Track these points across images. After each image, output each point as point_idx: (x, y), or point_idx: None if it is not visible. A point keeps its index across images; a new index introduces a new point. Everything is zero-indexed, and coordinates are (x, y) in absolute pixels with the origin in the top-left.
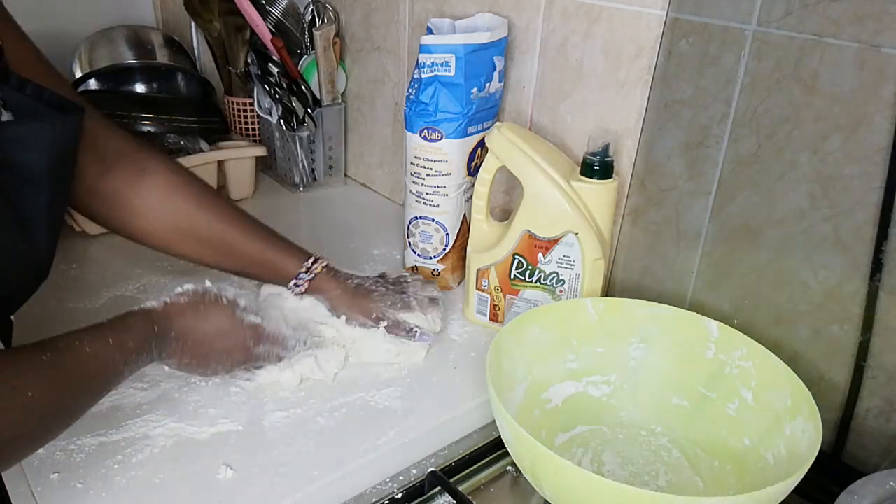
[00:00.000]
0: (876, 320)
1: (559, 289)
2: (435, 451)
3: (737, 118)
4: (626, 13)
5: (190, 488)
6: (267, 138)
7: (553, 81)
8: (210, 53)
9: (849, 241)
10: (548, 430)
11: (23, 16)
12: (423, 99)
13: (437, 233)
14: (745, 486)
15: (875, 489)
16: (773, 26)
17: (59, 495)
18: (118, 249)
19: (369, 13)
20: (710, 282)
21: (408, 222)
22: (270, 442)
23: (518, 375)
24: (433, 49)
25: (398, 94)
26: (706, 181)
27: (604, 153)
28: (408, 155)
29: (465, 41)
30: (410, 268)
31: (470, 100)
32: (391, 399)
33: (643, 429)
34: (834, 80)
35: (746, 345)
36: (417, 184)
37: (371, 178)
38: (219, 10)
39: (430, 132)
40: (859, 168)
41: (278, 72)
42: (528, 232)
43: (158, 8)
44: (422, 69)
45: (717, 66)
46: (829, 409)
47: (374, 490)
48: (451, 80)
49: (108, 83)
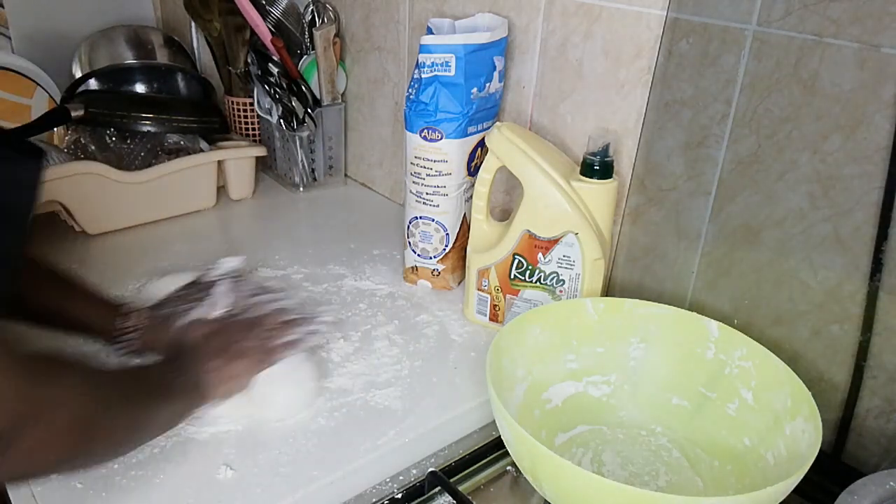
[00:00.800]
0: (876, 320)
1: (559, 289)
2: (435, 451)
3: (737, 118)
4: (626, 13)
5: (190, 488)
6: (267, 138)
7: (553, 81)
8: (210, 53)
9: (849, 241)
10: (548, 430)
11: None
12: (423, 99)
13: (437, 233)
14: (745, 486)
15: (875, 489)
16: (773, 26)
17: (59, 495)
18: (118, 249)
19: (369, 13)
20: (710, 282)
21: (408, 222)
22: (270, 442)
23: (518, 375)
24: (433, 49)
25: (398, 94)
26: (706, 181)
27: (604, 153)
28: (408, 155)
29: (465, 41)
30: (410, 268)
31: (470, 100)
32: (391, 399)
33: (643, 429)
34: (834, 80)
35: (746, 345)
36: (417, 184)
37: (371, 178)
38: (219, 10)
39: (430, 132)
40: (859, 168)
41: (278, 72)
42: (528, 232)
43: (158, 8)
44: (422, 69)
45: (717, 66)
46: (829, 409)
47: (374, 490)
48: (451, 80)
49: (108, 83)
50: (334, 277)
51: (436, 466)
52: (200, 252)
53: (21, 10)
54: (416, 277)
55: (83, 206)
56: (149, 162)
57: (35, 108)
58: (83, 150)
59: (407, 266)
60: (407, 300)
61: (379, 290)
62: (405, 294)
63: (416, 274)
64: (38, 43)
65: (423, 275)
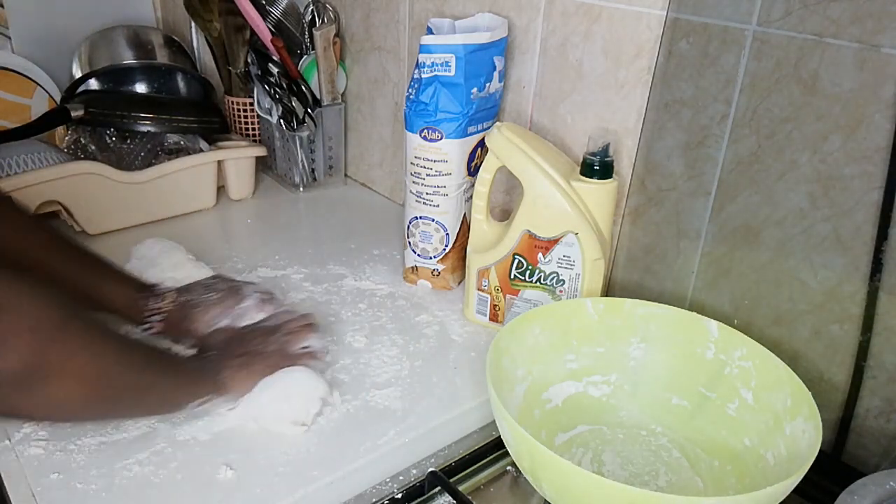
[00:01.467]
0: (876, 320)
1: (559, 289)
2: (435, 451)
3: (737, 118)
4: (626, 13)
5: (190, 488)
6: (267, 138)
7: (553, 81)
8: (210, 53)
9: (849, 241)
10: (548, 430)
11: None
12: (423, 99)
13: (437, 233)
14: (745, 486)
15: (875, 489)
16: (773, 26)
17: (59, 495)
18: (118, 249)
19: (369, 13)
20: (710, 282)
21: (408, 222)
22: (270, 442)
23: (518, 375)
24: (433, 49)
25: (398, 94)
26: (706, 181)
27: (604, 153)
28: (408, 155)
29: (465, 41)
30: (410, 268)
31: (470, 100)
32: (391, 399)
33: (643, 429)
34: (834, 80)
35: (746, 345)
36: (417, 184)
37: (371, 178)
38: (219, 10)
39: (430, 132)
40: (859, 168)
41: (278, 72)
42: (528, 232)
43: (158, 8)
44: (422, 69)
45: (717, 66)
46: (829, 409)
47: (374, 490)
48: (451, 80)
49: (108, 83)
50: (334, 277)
51: (436, 466)
52: (200, 252)
53: (21, 10)
54: (416, 277)
55: (83, 206)
56: (149, 162)
57: (35, 108)
58: (83, 150)
59: (407, 266)
60: (407, 300)
61: (379, 290)
62: (405, 294)
63: (416, 274)
64: (38, 43)
65: (423, 275)
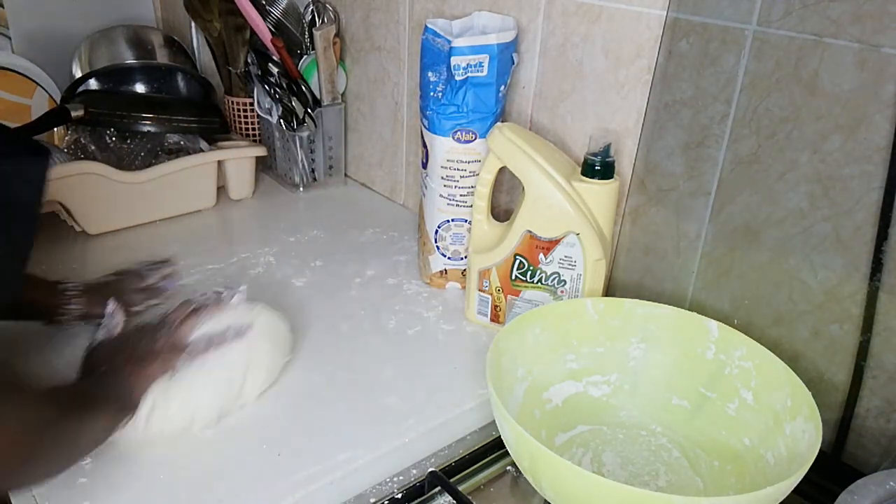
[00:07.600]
0: (876, 320)
1: (560, 289)
2: (435, 451)
3: (737, 118)
4: (626, 13)
5: (190, 488)
6: (267, 138)
7: (553, 81)
8: (210, 53)
9: (849, 241)
10: (548, 430)
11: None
12: (455, 101)
13: (469, 233)
14: (745, 486)
15: (875, 489)
16: (773, 26)
17: (59, 495)
18: (118, 249)
19: (369, 13)
20: (710, 282)
21: (436, 227)
22: (270, 442)
23: (518, 375)
24: (466, 51)
25: (398, 94)
26: (706, 181)
27: (605, 153)
28: (436, 159)
29: (497, 41)
30: (438, 272)
31: (499, 98)
32: (391, 399)
33: (643, 429)
34: (834, 80)
35: (746, 345)
36: (450, 186)
37: (371, 178)
38: (219, 10)
39: (463, 133)
40: (859, 168)
41: (278, 72)
42: (529, 232)
43: (158, 8)
44: (455, 71)
45: (717, 66)
46: (829, 409)
47: (374, 490)
48: (483, 80)
49: (108, 83)
50: (334, 277)
51: (436, 466)
52: (200, 252)
53: (21, 10)
54: (444, 281)
55: (83, 206)
56: (149, 162)
57: (35, 108)
58: (83, 150)
59: (434, 271)
60: (406, 300)
61: (379, 290)
62: (405, 294)
63: (444, 277)
64: (38, 43)
65: (454, 277)
